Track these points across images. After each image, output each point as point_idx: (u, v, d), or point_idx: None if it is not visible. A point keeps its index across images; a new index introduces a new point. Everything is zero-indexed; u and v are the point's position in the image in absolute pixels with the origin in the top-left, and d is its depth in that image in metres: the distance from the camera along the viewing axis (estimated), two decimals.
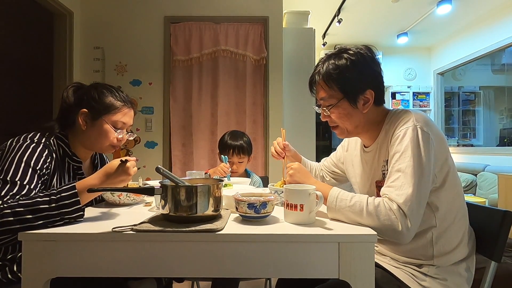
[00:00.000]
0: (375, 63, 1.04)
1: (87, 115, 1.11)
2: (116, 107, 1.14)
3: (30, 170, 0.95)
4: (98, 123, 1.11)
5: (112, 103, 1.13)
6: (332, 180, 1.37)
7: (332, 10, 4.18)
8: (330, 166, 1.37)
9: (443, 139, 0.96)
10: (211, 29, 3.15)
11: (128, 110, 1.18)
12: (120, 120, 1.14)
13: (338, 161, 1.34)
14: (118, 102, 1.14)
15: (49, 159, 1.02)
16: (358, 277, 0.76)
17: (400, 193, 0.85)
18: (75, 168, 1.14)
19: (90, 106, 1.11)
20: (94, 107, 1.11)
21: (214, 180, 1.06)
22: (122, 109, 1.15)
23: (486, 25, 4.45)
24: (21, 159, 0.96)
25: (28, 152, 0.98)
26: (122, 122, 1.15)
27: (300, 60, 3.30)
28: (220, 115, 3.15)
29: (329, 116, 1.06)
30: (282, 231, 0.80)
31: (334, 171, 1.36)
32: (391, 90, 5.70)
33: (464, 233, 0.96)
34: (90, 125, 1.11)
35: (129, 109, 1.18)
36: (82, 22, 3.13)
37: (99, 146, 1.14)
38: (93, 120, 1.11)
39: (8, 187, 0.89)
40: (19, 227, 0.80)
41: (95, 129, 1.11)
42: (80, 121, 1.10)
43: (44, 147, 1.02)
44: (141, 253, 0.77)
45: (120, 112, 1.14)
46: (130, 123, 1.21)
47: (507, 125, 5.51)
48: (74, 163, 1.13)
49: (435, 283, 0.92)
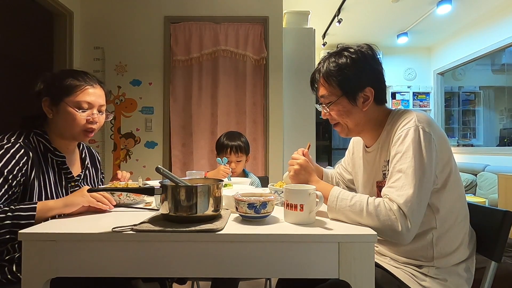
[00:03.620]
0: (376, 61, 1.04)
1: (50, 102, 1.08)
2: (75, 86, 1.08)
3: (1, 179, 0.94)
4: (62, 108, 1.07)
5: (71, 83, 1.08)
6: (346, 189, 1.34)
7: (332, 10, 4.18)
8: (342, 173, 1.36)
9: (445, 140, 0.95)
10: (211, 29, 3.15)
11: (90, 88, 1.10)
12: (83, 100, 1.08)
13: (347, 166, 1.33)
14: (77, 82, 1.09)
15: (25, 159, 0.99)
16: (358, 277, 0.76)
17: (401, 193, 0.85)
18: (59, 163, 1.12)
19: (50, 92, 1.08)
20: (53, 92, 1.07)
21: (214, 180, 1.06)
22: (83, 88, 1.09)
23: (486, 25, 4.45)
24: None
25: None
26: (87, 102, 1.09)
27: (300, 60, 3.29)
28: (220, 115, 3.14)
29: (330, 113, 1.06)
30: (282, 231, 0.80)
31: (345, 177, 1.35)
32: (391, 90, 5.70)
33: (464, 235, 0.96)
34: (56, 112, 1.08)
35: (91, 87, 1.11)
36: (82, 22, 3.13)
37: (70, 133, 1.10)
38: (56, 106, 1.08)
39: None
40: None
41: (60, 114, 1.08)
42: (46, 109, 1.08)
43: (17, 149, 0.99)
44: (141, 253, 0.77)
45: (81, 92, 1.08)
46: (98, 102, 1.12)
47: (507, 125, 5.51)
48: (56, 158, 1.10)
49: (435, 283, 0.92)
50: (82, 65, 3.12)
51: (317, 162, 1.48)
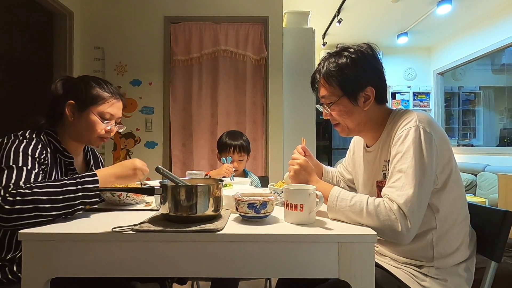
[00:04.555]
0: (376, 60, 1.04)
1: (74, 107, 1.11)
2: (103, 98, 1.13)
3: (30, 158, 0.96)
4: (85, 114, 1.11)
5: (99, 94, 1.13)
6: (347, 188, 1.34)
7: (332, 10, 4.18)
8: (342, 172, 1.36)
9: (446, 140, 0.95)
10: (211, 29, 3.15)
11: (115, 101, 1.17)
12: (107, 111, 1.14)
13: (348, 166, 1.33)
14: (105, 93, 1.14)
15: (44, 151, 1.03)
16: (358, 277, 0.76)
17: (401, 193, 0.85)
18: (67, 164, 1.14)
19: (77, 98, 1.11)
20: (81, 98, 1.11)
21: (214, 180, 1.06)
22: (109, 100, 1.15)
23: (486, 25, 4.45)
24: (17, 149, 0.96)
25: (23, 145, 0.99)
26: (110, 113, 1.15)
27: (300, 60, 3.29)
28: (220, 115, 3.14)
29: (331, 114, 1.07)
30: (282, 231, 0.80)
31: (345, 177, 1.35)
32: (391, 90, 5.70)
33: (465, 235, 0.96)
34: (78, 117, 1.11)
35: (116, 100, 1.18)
36: (82, 22, 3.13)
37: (87, 138, 1.14)
38: (80, 112, 1.11)
39: (17, 172, 0.91)
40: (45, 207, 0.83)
41: (82, 120, 1.11)
42: (68, 112, 1.10)
43: (37, 142, 1.03)
44: (141, 253, 0.77)
45: (107, 103, 1.14)
46: (118, 114, 1.20)
47: (507, 125, 5.51)
48: (65, 158, 1.13)
49: (435, 283, 0.92)
50: (82, 65, 3.12)
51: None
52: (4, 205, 0.80)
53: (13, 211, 0.80)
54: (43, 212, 0.83)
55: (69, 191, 0.88)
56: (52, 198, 0.84)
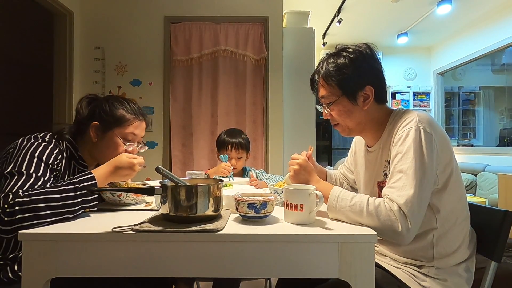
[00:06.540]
0: (375, 60, 1.04)
1: (98, 128, 1.12)
2: (127, 120, 1.15)
3: (43, 165, 0.97)
4: (108, 136, 1.13)
5: (123, 116, 1.15)
6: (349, 189, 1.33)
7: (332, 10, 4.19)
8: (346, 173, 1.36)
9: (447, 140, 0.95)
10: (211, 29, 3.15)
11: (139, 123, 1.19)
12: (130, 132, 1.16)
13: (350, 166, 1.33)
14: (129, 115, 1.16)
15: (59, 157, 1.04)
16: (358, 277, 0.76)
17: (401, 194, 0.85)
18: (80, 171, 1.14)
19: (101, 119, 1.12)
20: (105, 120, 1.12)
21: (214, 180, 1.06)
22: (133, 122, 1.17)
23: (486, 25, 4.45)
24: (33, 154, 0.97)
25: (39, 149, 1.00)
26: (133, 134, 1.17)
27: (300, 60, 3.29)
28: (220, 115, 3.14)
29: (331, 114, 1.07)
30: (282, 231, 0.80)
31: (350, 178, 1.34)
32: (391, 90, 5.70)
33: (465, 235, 0.96)
34: (101, 138, 1.13)
35: (140, 122, 1.20)
36: (82, 22, 3.13)
37: (108, 158, 1.11)
38: (103, 133, 1.12)
39: (25, 178, 0.91)
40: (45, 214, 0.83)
41: (104, 141, 1.13)
42: (92, 133, 1.12)
43: (54, 146, 1.04)
44: (141, 253, 0.77)
45: (131, 125, 1.16)
46: (141, 135, 1.22)
47: (507, 125, 5.50)
48: (80, 166, 1.14)
49: (435, 284, 0.92)
50: (82, 65, 3.12)
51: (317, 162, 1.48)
52: (4, 217, 0.81)
53: (14, 221, 0.81)
54: (44, 219, 0.83)
55: (68, 197, 0.88)
56: (51, 204, 0.85)
